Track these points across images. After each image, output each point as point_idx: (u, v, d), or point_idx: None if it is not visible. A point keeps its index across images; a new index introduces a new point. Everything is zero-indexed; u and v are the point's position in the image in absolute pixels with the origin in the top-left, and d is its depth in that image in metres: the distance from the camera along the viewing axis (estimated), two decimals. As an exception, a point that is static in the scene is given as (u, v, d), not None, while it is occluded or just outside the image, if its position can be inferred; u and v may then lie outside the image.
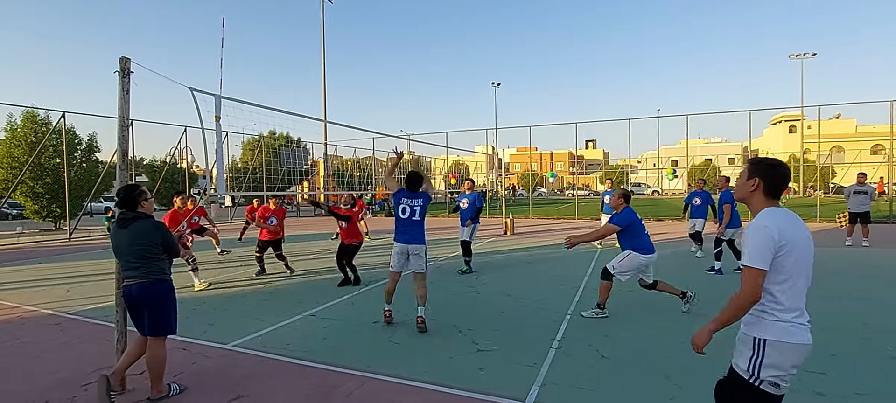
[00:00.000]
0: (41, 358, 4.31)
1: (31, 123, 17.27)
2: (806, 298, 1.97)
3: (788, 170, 2.08)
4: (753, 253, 1.90)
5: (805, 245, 1.94)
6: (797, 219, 1.99)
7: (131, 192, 3.35)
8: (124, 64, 3.23)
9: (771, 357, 1.91)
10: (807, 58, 30.90)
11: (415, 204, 4.89)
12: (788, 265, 1.89)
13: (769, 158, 2.10)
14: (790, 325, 1.91)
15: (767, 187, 2.00)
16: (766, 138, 55.35)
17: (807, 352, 1.92)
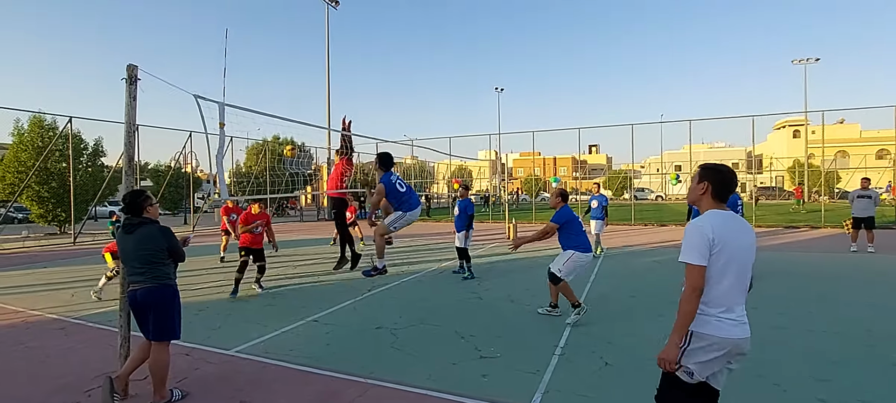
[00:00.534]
0: (46, 363, 4.33)
1: (38, 128, 17.42)
2: (741, 297, 2.10)
3: (734, 174, 2.20)
4: (690, 249, 2.06)
5: (740, 248, 2.07)
6: (740, 224, 2.14)
7: (137, 197, 3.38)
8: (131, 71, 3.26)
9: (694, 346, 2.08)
10: (810, 63, 30.83)
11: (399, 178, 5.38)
12: (719, 264, 2.03)
13: (717, 163, 2.25)
14: (714, 319, 2.05)
15: (715, 190, 2.16)
16: (769, 143, 55.18)
17: (732, 346, 2.05)
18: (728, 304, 2.06)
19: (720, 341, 2.05)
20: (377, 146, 27.62)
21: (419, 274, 8.60)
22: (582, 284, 7.29)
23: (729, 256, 2.04)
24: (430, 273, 8.70)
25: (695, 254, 2.04)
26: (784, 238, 14.11)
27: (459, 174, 51.13)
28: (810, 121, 26.88)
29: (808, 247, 11.71)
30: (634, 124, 20.38)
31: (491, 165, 41.90)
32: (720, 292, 2.05)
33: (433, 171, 49.14)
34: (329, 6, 26.81)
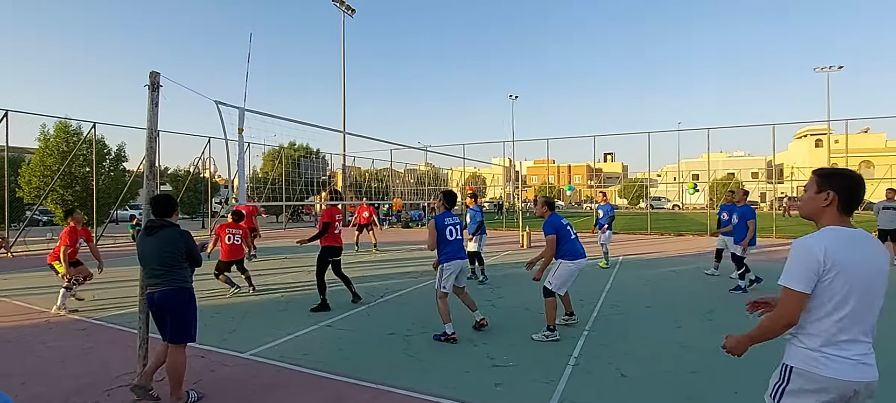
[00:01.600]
0: (67, 363, 4.42)
1: (63, 133, 17.93)
2: (865, 332, 1.76)
3: (863, 181, 1.87)
4: (792, 271, 1.75)
5: (865, 273, 1.72)
6: (867, 244, 1.78)
7: (169, 200, 3.47)
8: (154, 78, 3.34)
9: (794, 387, 1.80)
10: (833, 70, 30.18)
11: (456, 222, 5.13)
12: (834, 292, 1.71)
13: (842, 169, 1.88)
14: (823, 357, 1.73)
15: (843, 201, 1.79)
16: (790, 152, 54.01)
17: (845, 389, 1.71)
18: (845, 339, 1.72)
19: (829, 383, 1.71)
20: (391, 152, 27.82)
21: (432, 279, 8.56)
22: (596, 294, 7.19)
23: (849, 283, 1.69)
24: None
25: (795, 278, 1.73)
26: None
27: (473, 181, 51.14)
28: (833, 129, 26.26)
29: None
30: (651, 132, 20.14)
31: (505, 173, 41.84)
32: (834, 325, 1.71)
33: (447, 178, 49.23)
34: (345, 14, 27.17)
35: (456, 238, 5.03)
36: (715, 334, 5.13)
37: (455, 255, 5.00)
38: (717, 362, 4.23)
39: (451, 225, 5.03)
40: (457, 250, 5.04)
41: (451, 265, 4.96)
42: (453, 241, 5.01)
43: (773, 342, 1.95)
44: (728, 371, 4.03)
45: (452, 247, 5.00)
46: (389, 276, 8.99)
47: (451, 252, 4.98)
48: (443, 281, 4.96)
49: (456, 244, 5.03)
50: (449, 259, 4.96)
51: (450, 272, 4.96)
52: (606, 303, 6.57)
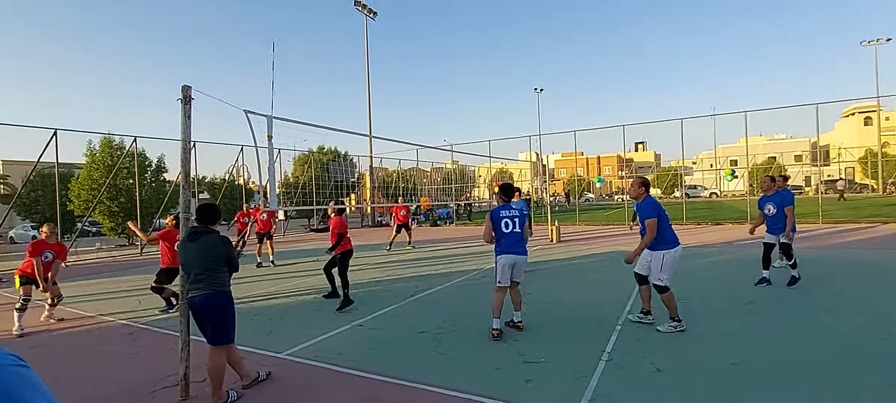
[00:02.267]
0: (114, 366, 4.67)
1: (108, 148, 18.91)
2: None
3: None
4: None
5: None
6: None
7: (214, 209, 3.65)
8: (186, 91, 3.48)
9: None
10: (880, 44, 28.42)
11: (514, 214, 4.92)
12: None
13: None
14: None
15: None
16: (837, 132, 51.17)
17: None
18: None
19: None
20: (418, 151, 27.98)
21: (462, 277, 8.60)
22: (629, 288, 7.02)
23: None
24: (473, 276, 8.68)
25: None
26: (861, 234, 13.03)
27: (500, 177, 50.82)
28: (883, 106, 24.73)
29: (879, 244, 10.72)
30: (684, 119, 19.42)
31: (532, 167, 41.41)
32: None
33: (474, 175, 49.12)
34: (367, 18, 27.48)
35: (513, 231, 4.86)
36: (755, 325, 4.94)
37: (508, 249, 4.86)
38: (759, 353, 4.07)
39: (506, 218, 4.89)
40: (511, 244, 4.87)
41: (503, 259, 4.85)
42: (509, 234, 4.85)
43: (820, 332, 1.86)
44: (770, 361, 3.88)
45: (507, 241, 4.86)
46: (419, 275, 9.06)
47: (505, 245, 4.86)
48: (497, 274, 4.89)
49: (512, 237, 4.86)
50: (501, 252, 4.87)
51: (502, 265, 4.85)
52: (640, 296, 6.40)
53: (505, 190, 5.15)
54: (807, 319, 5.06)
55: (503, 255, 4.86)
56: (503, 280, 4.85)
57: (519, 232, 4.89)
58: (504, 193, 5.11)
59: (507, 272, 4.86)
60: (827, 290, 6.31)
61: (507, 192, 5.10)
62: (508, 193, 5.11)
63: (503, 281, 4.85)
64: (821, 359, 3.90)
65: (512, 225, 4.86)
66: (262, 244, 11.43)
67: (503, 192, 5.12)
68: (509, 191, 5.15)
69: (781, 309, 5.52)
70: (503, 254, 4.86)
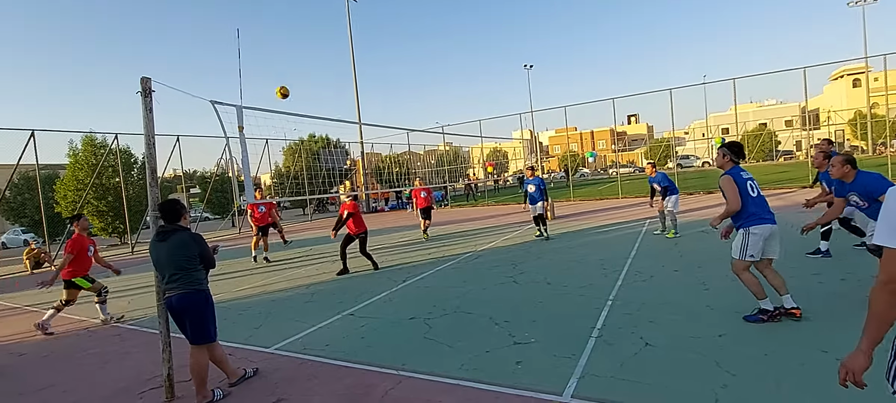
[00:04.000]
0: (104, 369, 4.61)
1: (90, 147, 18.58)
2: None
3: None
4: (885, 225, 1.47)
5: None
6: None
7: (175, 205, 3.51)
8: (145, 83, 3.33)
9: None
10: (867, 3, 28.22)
11: (753, 178, 4.11)
12: None
13: None
14: None
15: None
16: (826, 96, 51.24)
17: None
18: None
19: None
20: (408, 135, 27.75)
21: (455, 260, 8.56)
22: (621, 261, 7.02)
23: None
24: (465, 259, 8.64)
25: (890, 233, 1.44)
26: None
27: (494, 156, 50.65)
28: (872, 67, 24.69)
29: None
30: (673, 89, 19.26)
31: (525, 145, 41.24)
32: None
33: (468, 156, 48.90)
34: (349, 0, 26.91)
35: (759, 195, 4.02)
36: (742, 294, 4.91)
37: (763, 216, 3.96)
38: (744, 324, 4.06)
39: (749, 180, 4.04)
40: (765, 210, 3.99)
41: (761, 229, 3.92)
42: (757, 198, 3.98)
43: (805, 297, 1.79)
44: (757, 332, 3.87)
45: (758, 206, 3.97)
46: (411, 259, 9.01)
47: (758, 212, 3.94)
48: (748, 248, 3.94)
49: (761, 202, 4.00)
50: (757, 221, 3.93)
51: (758, 236, 3.92)
52: (631, 271, 6.41)
53: (735, 149, 4.22)
54: (794, 285, 5.06)
55: (762, 225, 3.92)
56: (756, 253, 3.95)
57: (764, 198, 4.07)
58: (734, 152, 4.20)
59: (761, 245, 3.95)
60: (815, 255, 6.31)
61: (737, 151, 4.20)
62: (739, 153, 4.23)
63: (756, 255, 3.96)
64: (805, 325, 3.90)
65: (756, 189, 4.04)
66: (259, 238, 11.03)
67: (733, 152, 4.20)
68: (740, 151, 4.25)
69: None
70: (762, 224, 3.92)
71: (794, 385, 2.97)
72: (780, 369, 3.20)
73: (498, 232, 12.16)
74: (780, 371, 3.16)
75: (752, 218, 3.96)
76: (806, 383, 2.98)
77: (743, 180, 4.03)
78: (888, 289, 1.47)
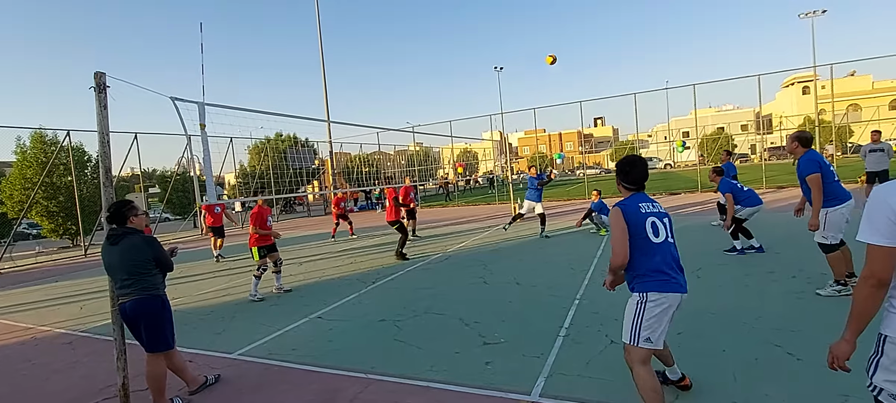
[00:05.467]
0: (51, 379, 4.34)
1: (40, 144, 17.53)
2: None
3: None
4: (867, 224, 1.57)
5: None
6: None
7: (121, 207, 3.33)
8: (99, 78, 3.16)
9: (888, 358, 1.56)
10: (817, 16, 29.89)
11: (662, 214, 2.71)
12: None
13: None
14: None
15: None
16: (778, 102, 54.05)
17: None
18: None
19: None
20: (378, 135, 27.51)
21: (425, 260, 8.53)
22: (588, 261, 7.16)
23: None
24: (436, 259, 8.63)
25: (871, 231, 1.55)
26: (796, 197, 13.79)
27: (464, 157, 50.84)
28: (820, 75, 26.13)
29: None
30: (637, 93, 19.92)
31: (495, 146, 41.58)
32: None
33: (438, 156, 48.88)
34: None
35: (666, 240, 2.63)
36: (702, 292, 5.11)
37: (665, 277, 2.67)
38: (703, 322, 4.21)
39: (651, 216, 2.67)
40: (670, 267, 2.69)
41: (664, 297, 2.55)
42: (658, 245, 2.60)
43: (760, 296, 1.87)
44: (713, 328, 4.02)
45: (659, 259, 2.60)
46: (381, 260, 8.93)
47: (660, 268, 2.57)
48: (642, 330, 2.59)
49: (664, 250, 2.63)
50: (655, 285, 2.57)
51: (656, 307, 2.56)
52: (598, 270, 6.54)
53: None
54: (748, 283, 5.30)
55: (661, 292, 2.55)
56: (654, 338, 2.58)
57: (673, 242, 2.70)
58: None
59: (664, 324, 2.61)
60: (769, 252, 6.63)
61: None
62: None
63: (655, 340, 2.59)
64: (759, 322, 4.08)
65: (665, 232, 2.64)
66: (216, 238, 10.99)
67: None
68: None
69: (726, 276, 5.75)
70: (660, 289, 2.55)
71: (749, 378, 3.10)
72: (737, 364, 3.33)
73: (469, 233, 12.21)
74: (736, 366, 3.29)
75: (646, 279, 2.58)
76: (760, 376, 3.12)
77: (641, 216, 2.60)
78: (869, 283, 1.57)
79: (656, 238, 2.57)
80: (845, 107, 41.85)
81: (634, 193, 2.73)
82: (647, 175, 2.75)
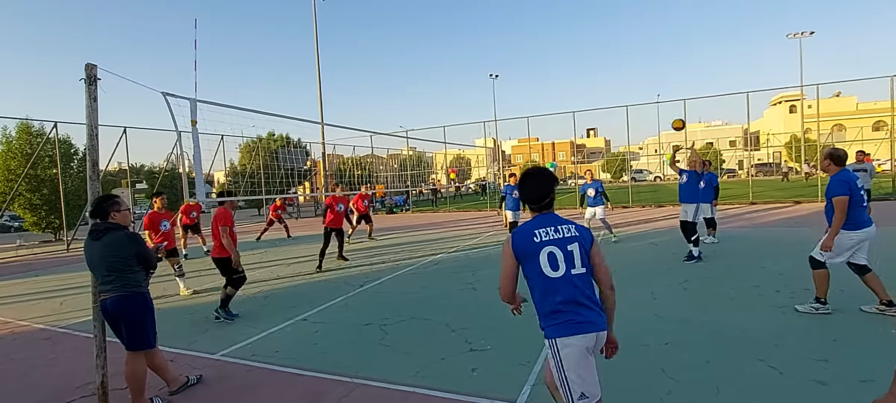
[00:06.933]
0: (29, 375, 4.25)
1: (25, 135, 17.23)
2: None
3: None
4: None
5: None
6: None
7: (103, 202, 3.28)
8: (90, 70, 3.12)
9: None
10: (805, 37, 30.52)
11: (568, 240, 2.22)
12: None
13: None
14: None
15: None
16: (766, 119, 54.95)
17: None
18: None
19: None
20: (371, 138, 27.45)
21: (414, 265, 8.51)
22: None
23: None
24: (425, 264, 8.60)
25: None
26: (782, 213, 14.01)
27: (457, 163, 50.91)
28: (806, 95, 26.70)
29: (805, 222, 11.60)
30: (629, 105, 20.17)
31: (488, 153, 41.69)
32: None
33: (431, 162, 48.88)
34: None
35: (568, 274, 2.20)
36: (687, 304, 5.16)
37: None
38: (689, 333, 4.25)
39: (548, 244, 2.26)
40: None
41: (574, 340, 2.16)
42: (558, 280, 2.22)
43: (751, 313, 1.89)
44: (699, 341, 4.05)
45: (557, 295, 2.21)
46: (370, 264, 8.88)
47: (563, 310, 2.18)
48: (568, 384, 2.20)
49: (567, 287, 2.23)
50: (561, 329, 2.17)
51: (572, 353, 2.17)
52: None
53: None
54: (734, 297, 5.36)
55: (568, 336, 2.16)
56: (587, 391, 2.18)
57: (584, 273, 2.21)
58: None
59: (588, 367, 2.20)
60: (754, 266, 6.71)
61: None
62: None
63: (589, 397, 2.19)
64: (743, 336, 4.12)
65: (565, 263, 2.19)
66: (187, 236, 11.21)
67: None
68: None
69: (713, 288, 5.81)
70: (566, 333, 2.16)
71: (732, 390, 3.13)
72: (720, 376, 3.36)
73: (459, 239, 12.20)
74: (719, 378, 3.32)
75: (550, 322, 2.22)
76: (743, 389, 3.15)
77: (534, 247, 2.21)
78: None
79: (554, 272, 2.16)
80: (830, 127, 42.72)
81: (537, 215, 2.31)
82: (546, 192, 2.28)
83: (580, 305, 2.15)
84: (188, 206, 10.97)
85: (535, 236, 2.20)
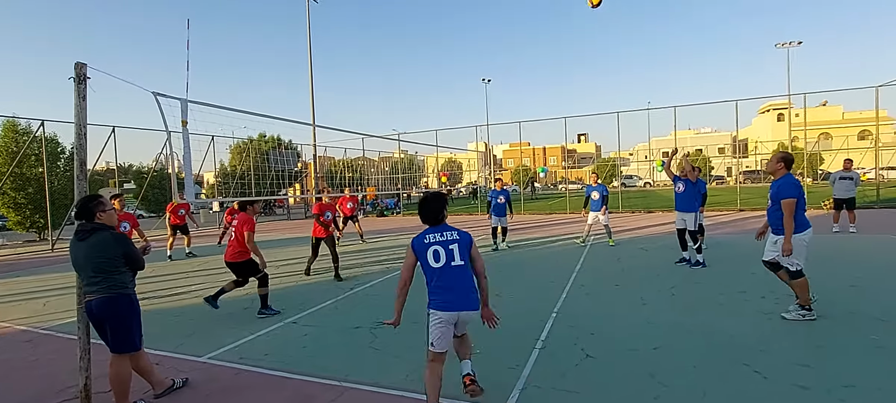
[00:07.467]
0: (9, 378, 4.16)
1: (11, 133, 16.94)
2: None
3: None
4: None
5: None
6: None
7: (89, 202, 3.23)
8: (80, 69, 3.08)
9: None
10: (793, 46, 31.07)
11: (450, 241, 3.05)
12: None
13: None
14: None
15: None
16: (755, 127, 55.81)
17: None
18: None
19: None
20: (363, 140, 27.39)
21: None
22: (566, 275, 7.23)
23: None
24: (416, 267, 8.57)
25: None
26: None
27: (448, 167, 50.95)
28: (794, 104, 27.15)
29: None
30: (620, 112, 20.36)
31: (480, 157, 41.80)
32: None
33: (423, 165, 48.84)
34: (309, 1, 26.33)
35: (450, 265, 3.05)
36: (676, 309, 5.21)
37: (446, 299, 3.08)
38: (677, 338, 4.28)
39: (434, 245, 3.08)
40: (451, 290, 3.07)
41: (443, 315, 3.07)
42: (444, 270, 3.06)
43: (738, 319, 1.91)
44: (687, 346, 4.09)
45: (443, 282, 3.07)
46: (361, 267, 8.84)
47: (440, 292, 3.08)
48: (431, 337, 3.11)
49: (452, 276, 3.06)
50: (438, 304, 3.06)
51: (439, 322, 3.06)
52: (576, 284, 6.61)
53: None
54: (721, 302, 5.42)
55: (441, 310, 3.03)
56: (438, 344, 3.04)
57: (461, 264, 3.01)
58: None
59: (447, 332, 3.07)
60: (742, 272, 6.79)
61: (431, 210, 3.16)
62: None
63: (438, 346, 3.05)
64: (730, 340, 4.17)
65: (454, 257, 3.01)
66: (174, 237, 11.26)
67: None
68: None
69: (702, 293, 5.87)
70: (441, 308, 3.03)
71: (718, 395, 3.16)
72: (707, 381, 3.39)
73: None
74: (706, 383, 3.35)
75: (430, 297, 3.09)
76: (729, 393, 3.18)
77: (424, 246, 3.04)
78: None
79: (436, 263, 3.04)
80: (817, 136, 43.47)
81: (429, 227, 3.15)
82: (437, 213, 3.14)
83: (450, 290, 3.02)
84: (176, 205, 10.85)
85: (425, 238, 3.08)
